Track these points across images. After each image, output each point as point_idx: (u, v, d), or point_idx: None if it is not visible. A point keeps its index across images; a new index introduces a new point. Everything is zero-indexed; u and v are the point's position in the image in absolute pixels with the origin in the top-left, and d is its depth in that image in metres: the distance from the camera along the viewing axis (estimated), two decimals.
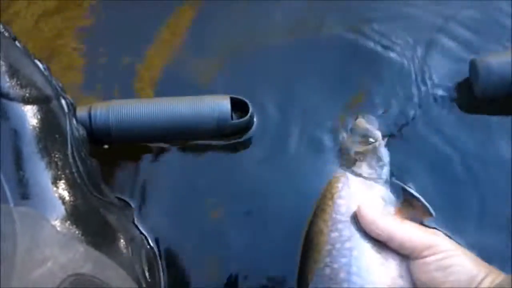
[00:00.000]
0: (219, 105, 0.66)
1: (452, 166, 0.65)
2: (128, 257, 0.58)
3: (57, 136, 0.54)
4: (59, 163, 0.53)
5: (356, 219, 0.55)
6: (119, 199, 0.65)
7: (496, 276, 0.50)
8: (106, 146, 0.67)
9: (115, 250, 0.56)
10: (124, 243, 0.58)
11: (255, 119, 0.69)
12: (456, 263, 0.51)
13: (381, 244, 0.53)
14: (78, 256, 0.51)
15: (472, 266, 0.51)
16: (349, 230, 0.54)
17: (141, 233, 0.64)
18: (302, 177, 0.66)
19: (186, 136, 0.68)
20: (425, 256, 0.51)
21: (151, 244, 0.64)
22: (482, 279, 0.50)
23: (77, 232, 0.52)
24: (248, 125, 0.69)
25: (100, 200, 0.58)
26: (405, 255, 0.53)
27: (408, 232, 0.53)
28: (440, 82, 0.70)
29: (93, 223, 0.55)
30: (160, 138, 0.68)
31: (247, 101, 0.68)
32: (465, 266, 0.51)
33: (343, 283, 0.52)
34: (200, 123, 0.66)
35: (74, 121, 0.58)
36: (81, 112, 0.64)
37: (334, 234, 0.54)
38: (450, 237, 0.56)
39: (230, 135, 0.68)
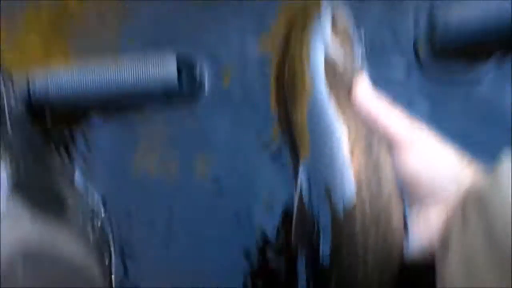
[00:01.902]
0: (164, 68, 0.63)
1: None
2: (78, 220, 0.56)
3: None
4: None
5: None
6: (65, 162, 0.62)
7: (476, 168, 0.49)
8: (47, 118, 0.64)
9: (65, 217, 0.54)
10: (75, 208, 0.56)
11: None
12: (440, 158, 0.50)
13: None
14: (25, 227, 0.49)
15: (457, 162, 0.50)
16: None
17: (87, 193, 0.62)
18: None
19: (130, 102, 0.65)
20: (408, 148, 0.50)
21: (98, 204, 0.62)
22: (466, 176, 0.49)
23: (22, 203, 0.50)
24: (197, 90, 0.66)
25: (45, 167, 0.55)
26: (389, 144, 0.51)
27: (394, 118, 0.51)
28: None
29: (39, 192, 0.53)
30: (102, 105, 0.66)
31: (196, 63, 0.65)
32: (449, 162, 0.50)
33: None
34: (145, 88, 0.63)
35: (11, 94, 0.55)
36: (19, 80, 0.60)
37: None
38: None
39: (178, 101, 0.66)
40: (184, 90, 0.64)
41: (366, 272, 0.50)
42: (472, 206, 0.45)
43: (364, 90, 0.54)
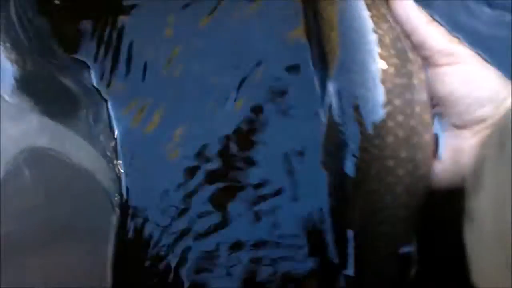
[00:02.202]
0: None
1: None
2: (89, 125, 0.53)
3: None
4: (2, 27, 0.47)
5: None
6: (75, 60, 0.58)
7: None
8: (56, 2, 0.59)
9: (74, 119, 0.52)
10: (85, 110, 0.54)
11: None
12: (479, 77, 0.47)
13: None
14: (32, 128, 0.47)
15: (496, 83, 0.47)
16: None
17: (102, 98, 0.58)
18: None
19: None
20: (446, 64, 0.47)
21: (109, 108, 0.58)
22: (505, 97, 0.46)
23: (29, 101, 0.47)
24: None
25: (53, 64, 0.52)
26: (425, 59, 0.48)
27: (434, 31, 0.48)
28: None
29: (47, 90, 0.51)
30: None
31: None
32: (488, 82, 0.47)
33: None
34: None
35: None
36: None
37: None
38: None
39: None
40: None
41: (394, 194, 0.48)
42: (510, 133, 0.41)
43: (404, 2, 0.49)
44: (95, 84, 0.58)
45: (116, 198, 0.54)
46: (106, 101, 0.58)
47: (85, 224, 0.49)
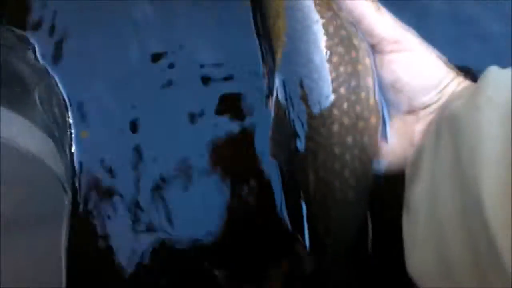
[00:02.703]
0: None
1: None
2: (38, 108, 0.51)
3: None
4: None
5: None
6: (21, 38, 0.56)
7: (461, 81, 0.48)
8: None
9: (23, 102, 0.50)
10: (34, 91, 0.52)
11: None
12: (424, 64, 0.48)
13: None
14: None
15: (440, 70, 0.48)
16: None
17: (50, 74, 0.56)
18: None
19: None
20: (391, 51, 0.48)
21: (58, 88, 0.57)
22: (449, 82, 0.47)
23: None
24: None
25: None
26: (372, 46, 0.49)
27: (380, 18, 0.48)
28: None
29: None
30: None
31: None
32: (432, 69, 0.48)
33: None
34: None
35: None
36: None
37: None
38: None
39: None
40: None
41: (342, 178, 0.49)
42: (446, 124, 0.43)
43: None
44: (41, 61, 0.56)
45: (67, 180, 0.53)
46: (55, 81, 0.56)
47: (35, 210, 0.48)
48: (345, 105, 0.47)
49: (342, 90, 0.47)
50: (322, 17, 0.47)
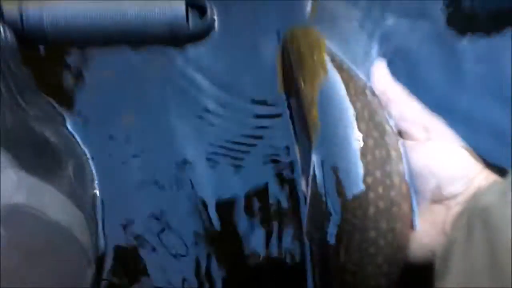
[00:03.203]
0: (172, 8, 0.57)
1: None
2: (69, 178, 0.52)
3: None
4: None
5: None
6: (56, 111, 0.58)
7: (488, 174, 0.48)
8: (41, 50, 0.58)
9: (53, 173, 0.51)
10: (65, 162, 0.53)
11: (215, 23, 0.60)
12: (451, 153, 0.48)
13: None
14: (10, 184, 0.45)
15: (466, 161, 0.48)
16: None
17: (80, 150, 0.58)
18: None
19: (133, 40, 0.59)
20: (420, 139, 0.49)
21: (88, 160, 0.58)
22: (476, 174, 0.47)
23: (7, 156, 0.46)
24: (207, 31, 0.60)
25: (33, 116, 0.51)
26: (401, 132, 0.50)
27: (411, 104, 0.50)
28: None
29: (26, 143, 0.49)
30: (102, 41, 0.59)
31: (205, 4, 0.59)
32: (459, 160, 0.48)
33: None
34: (150, 27, 0.57)
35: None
36: (10, 11, 0.54)
37: None
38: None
39: (186, 42, 0.60)
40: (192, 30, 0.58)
41: (376, 264, 0.49)
42: (479, 218, 0.42)
43: (383, 76, 0.51)
44: (75, 136, 0.58)
45: (92, 253, 0.53)
46: (85, 153, 0.57)
47: (60, 281, 0.48)
48: (380, 189, 0.48)
49: (378, 173, 0.48)
50: (356, 102, 0.49)
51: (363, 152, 0.48)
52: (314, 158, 0.49)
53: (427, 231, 0.49)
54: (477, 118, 0.56)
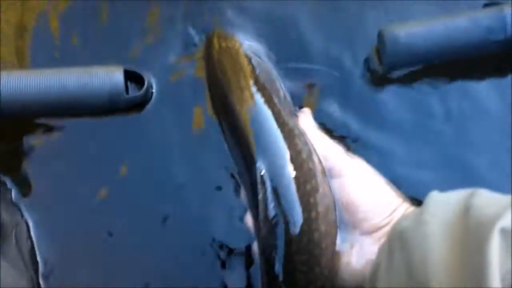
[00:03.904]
0: (110, 77, 0.61)
1: None
2: (15, 250, 0.53)
3: None
4: None
5: None
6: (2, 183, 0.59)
7: (408, 206, 0.51)
8: None
9: (4, 247, 0.52)
10: (10, 234, 0.54)
11: (153, 91, 0.65)
12: (373, 187, 0.52)
13: None
14: None
15: (389, 193, 0.52)
16: None
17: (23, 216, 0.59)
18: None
19: (76, 111, 0.63)
20: (345, 177, 0.51)
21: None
22: (397, 207, 0.51)
23: None
24: (145, 99, 0.64)
25: None
26: (328, 169, 0.52)
27: (326, 147, 0.53)
28: None
29: None
30: (48, 113, 0.63)
31: (142, 74, 0.63)
32: (383, 192, 0.52)
33: None
34: (90, 97, 0.61)
35: None
36: None
37: None
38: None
39: (125, 110, 0.64)
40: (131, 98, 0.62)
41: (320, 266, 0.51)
42: (397, 240, 0.46)
43: (306, 121, 0.55)
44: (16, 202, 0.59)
45: None
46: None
47: None
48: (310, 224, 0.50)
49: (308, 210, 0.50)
50: (284, 126, 0.52)
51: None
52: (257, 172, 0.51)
53: (357, 260, 0.51)
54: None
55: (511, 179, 0.57)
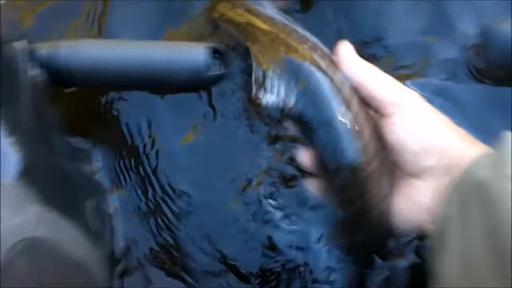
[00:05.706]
0: (193, 54, 0.59)
1: None
2: (89, 214, 0.54)
3: (8, 84, 0.48)
4: (10, 116, 0.48)
5: None
6: (78, 148, 0.60)
7: (472, 145, 0.46)
8: (68, 90, 0.61)
9: (74, 209, 0.52)
10: (85, 199, 0.54)
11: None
12: (427, 126, 0.46)
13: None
14: (32, 218, 0.47)
15: (442, 131, 0.46)
16: None
17: (102, 187, 0.59)
18: None
19: (157, 86, 0.62)
20: (392, 114, 0.47)
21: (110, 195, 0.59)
22: (451, 147, 0.46)
23: (31, 191, 0.48)
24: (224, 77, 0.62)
25: (56, 152, 0.53)
26: (375, 110, 0.49)
27: (379, 82, 0.48)
28: None
29: (49, 181, 0.51)
30: (130, 85, 0.62)
31: (227, 50, 0.61)
32: (433, 131, 0.46)
33: None
34: (173, 73, 0.60)
35: (30, 66, 0.52)
36: (42, 52, 0.57)
37: None
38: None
39: (209, 87, 0.62)
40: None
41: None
42: (473, 195, 0.41)
43: (348, 53, 0.49)
44: (98, 174, 0.59)
45: None
46: (106, 191, 0.59)
47: None
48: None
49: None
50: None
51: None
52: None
53: (407, 210, 0.48)
54: None
55: None
